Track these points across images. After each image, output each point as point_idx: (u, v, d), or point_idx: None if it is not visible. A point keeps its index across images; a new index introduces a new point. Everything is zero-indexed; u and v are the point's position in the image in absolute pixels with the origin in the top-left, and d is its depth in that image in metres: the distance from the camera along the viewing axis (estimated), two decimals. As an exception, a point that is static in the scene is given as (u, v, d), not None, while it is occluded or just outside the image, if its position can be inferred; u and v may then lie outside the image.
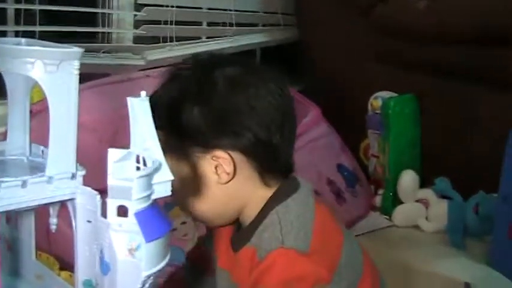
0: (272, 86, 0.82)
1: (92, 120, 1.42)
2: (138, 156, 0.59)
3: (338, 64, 2.09)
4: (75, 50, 0.68)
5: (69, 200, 0.69)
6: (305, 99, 1.83)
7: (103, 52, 1.60)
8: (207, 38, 1.98)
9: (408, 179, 1.73)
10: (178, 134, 0.81)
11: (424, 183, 1.77)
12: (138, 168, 0.58)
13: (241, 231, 0.87)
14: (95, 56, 1.59)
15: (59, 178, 0.67)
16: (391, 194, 1.76)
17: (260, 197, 0.83)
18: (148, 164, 0.57)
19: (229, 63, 0.84)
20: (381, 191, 1.82)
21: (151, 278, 0.57)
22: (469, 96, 1.73)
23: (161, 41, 1.78)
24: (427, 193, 1.73)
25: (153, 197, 0.57)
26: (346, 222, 1.66)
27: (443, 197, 1.70)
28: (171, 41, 1.78)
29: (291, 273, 0.78)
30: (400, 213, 1.72)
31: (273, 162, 0.83)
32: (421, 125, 1.84)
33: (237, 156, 0.81)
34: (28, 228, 0.83)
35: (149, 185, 0.56)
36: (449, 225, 1.63)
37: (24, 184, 0.65)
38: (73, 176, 0.69)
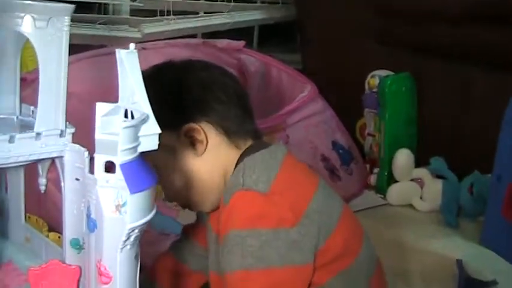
0: (218, 69, 0.95)
1: (85, 91, 1.41)
2: (126, 111, 0.59)
3: (335, 43, 2.08)
4: (66, 5, 0.67)
5: (58, 157, 0.69)
6: (302, 76, 1.83)
7: (99, 23, 1.59)
8: (205, 13, 1.97)
9: (403, 158, 1.73)
10: None
11: (419, 162, 1.77)
12: (126, 122, 0.57)
13: None
14: (91, 27, 1.57)
15: (47, 135, 0.67)
16: (386, 173, 1.76)
17: (233, 159, 0.88)
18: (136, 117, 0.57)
19: (174, 63, 0.94)
20: (376, 170, 1.82)
21: (136, 231, 0.57)
22: (465, 75, 1.73)
23: (158, 14, 1.77)
24: (422, 172, 1.72)
25: (140, 149, 0.56)
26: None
27: (438, 176, 1.70)
28: (168, 15, 1.77)
29: (250, 211, 0.81)
30: (395, 192, 1.72)
31: (236, 126, 0.89)
32: (417, 104, 1.83)
33: (204, 125, 0.88)
34: (17, 191, 0.83)
35: (135, 137, 0.55)
36: (443, 205, 1.63)
37: (11, 139, 0.65)
38: (62, 134, 0.68)
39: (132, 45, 0.57)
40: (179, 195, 0.91)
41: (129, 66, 0.57)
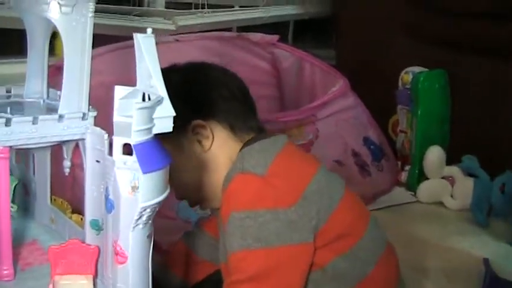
0: (220, 69, 0.98)
1: (117, 81, 1.43)
2: (144, 94, 0.60)
3: (370, 38, 2.06)
4: (91, -8, 0.69)
5: (80, 140, 0.71)
6: (334, 71, 1.82)
7: (133, 15, 1.62)
8: (240, 7, 1.98)
9: (434, 155, 1.71)
10: None
11: (452, 160, 1.74)
12: (142, 105, 0.59)
13: None
14: (126, 19, 1.60)
15: (69, 117, 0.69)
16: (416, 170, 1.74)
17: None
18: (153, 101, 0.58)
19: (177, 65, 0.97)
20: (407, 167, 1.80)
21: (148, 210, 0.58)
22: (501, 73, 1.69)
23: (193, 7, 1.79)
24: (454, 170, 1.70)
25: (155, 131, 0.57)
26: (368, 195, 1.66)
27: (470, 175, 1.68)
28: (202, 8, 1.79)
29: (248, 193, 0.83)
30: (425, 189, 1.70)
31: (241, 122, 0.92)
32: (451, 101, 1.81)
33: (210, 122, 0.91)
34: (44, 174, 0.85)
35: (150, 119, 0.57)
36: (473, 203, 1.60)
37: (35, 121, 0.67)
38: (84, 116, 0.70)
39: (149, 30, 0.59)
40: (188, 192, 0.94)
41: (146, 50, 0.58)
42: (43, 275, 0.73)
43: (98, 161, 0.69)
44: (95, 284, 0.70)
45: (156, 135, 0.59)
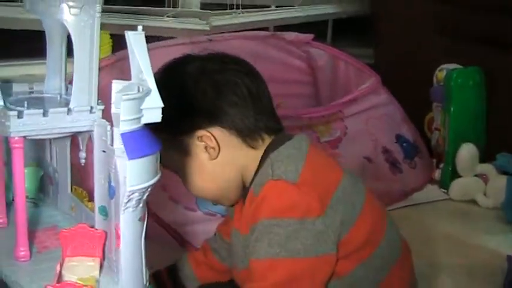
0: (233, 67, 0.93)
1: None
2: (139, 88, 0.65)
3: (407, 36, 2.07)
4: (96, -6, 0.75)
5: (88, 131, 0.76)
6: (366, 68, 1.84)
7: (167, 16, 1.68)
8: (276, 6, 2.01)
9: (467, 152, 1.69)
10: (169, 131, 0.88)
11: (487, 158, 1.73)
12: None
13: (247, 188, 0.92)
14: (161, 20, 1.66)
15: (78, 110, 0.75)
16: (449, 167, 1.74)
17: (252, 159, 0.90)
18: (145, 94, 0.63)
19: (189, 61, 0.94)
20: (441, 165, 1.79)
21: (137, 194, 0.63)
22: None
23: (228, 8, 1.84)
24: (487, 168, 1.68)
25: (143, 121, 0.62)
26: (399, 192, 1.67)
27: (505, 173, 1.66)
28: (237, 8, 1.83)
29: (281, 201, 0.83)
30: (457, 187, 1.69)
31: (249, 127, 0.90)
32: (486, 99, 1.79)
33: (216, 131, 0.90)
34: (64, 164, 0.91)
35: (137, 110, 0.61)
36: (505, 201, 1.59)
37: (45, 113, 0.73)
38: (92, 110, 0.76)
39: (139, 27, 0.63)
40: (199, 193, 0.95)
41: (136, 46, 0.63)
42: (57, 257, 0.79)
43: (103, 151, 0.74)
44: (101, 266, 0.75)
45: (147, 125, 0.63)
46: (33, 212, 0.94)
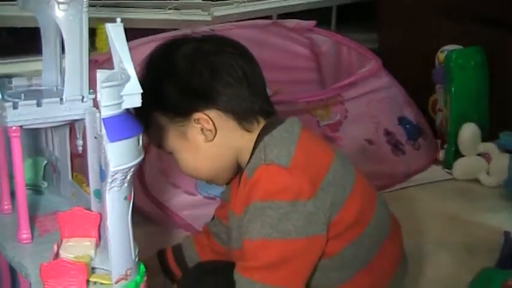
0: (228, 50, 0.94)
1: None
2: (121, 76, 0.69)
3: (410, 19, 2.08)
4: (82, -11, 0.79)
5: (81, 119, 0.81)
6: (368, 52, 1.86)
7: (169, 8, 1.71)
8: (279, -6, 2.04)
9: (468, 132, 1.71)
10: (165, 113, 0.92)
11: (491, 137, 1.74)
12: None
13: (242, 169, 0.95)
14: (163, 12, 1.70)
15: (70, 100, 0.79)
16: (452, 148, 1.76)
17: (247, 141, 0.93)
18: (126, 82, 0.67)
19: (185, 42, 0.95)
20: (446, 146, 1.81)
21: (120, 174, 0.67)
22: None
23: (230, -2, 1.87)
24: (490, 147, 1.70)
25: (124, 106, 0.66)
26: (401, 173, 1.69)
27: (508, 151, 1.67)
28: (240, -2, 1.87)
29: (273, 184, 0.86)
30: (460, 167, 1.71)
31: (245, 109, 0.92)
32: (489, 78, 1.80)
33: (213, 113, 0.92)
34: (64, 152, 0.96)
35: (117, 96, 0.66)
36: (508, 180, 1.60)
37: (39, 103, 0.78)
38: (83, 99, 0.80)
39: (118, 19, 0.68)
40: (194, 173, 0.98)
41: (115, 37, 0.67)
42: (57, 239, 0.84)
43: (95, 137, 0.78)
44: (97, 246, 0.80)
45: (127, 110, 0.68)
46: (37, 198, 0.99)
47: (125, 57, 0.67)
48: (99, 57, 1.52)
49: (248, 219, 0.87)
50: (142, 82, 0.91)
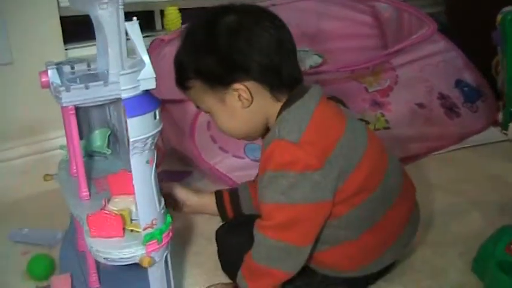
0: (264, 22, 1.02)
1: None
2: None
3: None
4: (119, -9, 0.95)
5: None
6: (425, 16, 1.89)
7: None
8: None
9: (524, 93, 1.73)
10: (206, 80, 1.04)
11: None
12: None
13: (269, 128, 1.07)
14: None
15: (112, 82, 0.96)
16: (510, 108, 1.78)
17: (275, 110, 1.04)
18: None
19: (226, 15, 1.03)
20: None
21: (140, 143, 0.84)
22: None
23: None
24: (547, 108, 1.71)
25: (141, 88, 0.83)
26: (455, 135, 1.75)
27: None
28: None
29: (284, 158, 0.97)
30: (515, 128, 1.74)
31: (278, 81, 1.02)
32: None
33: (250, 84, 1.02)
34: (121, 124, 1.14)
35: (134, 81, 0.82)
36: (561, 140, 1.62)
37: (87, 87, 0.95)
38: (122, 82, 0.97)
39: (134, 18, 0.83)
40: (228, 132, 1.09)
41: (132, 33, 0.83)
42: (110, 196, 1.03)
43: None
44: (138, 202, 0.97)
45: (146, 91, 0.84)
46: (102, 163, 1.19)
47: (140, 49, 0.83)
48: (165, 36, 1.68)
49: (263, 185, 1.00)
50: (183, 51, 1.06)
